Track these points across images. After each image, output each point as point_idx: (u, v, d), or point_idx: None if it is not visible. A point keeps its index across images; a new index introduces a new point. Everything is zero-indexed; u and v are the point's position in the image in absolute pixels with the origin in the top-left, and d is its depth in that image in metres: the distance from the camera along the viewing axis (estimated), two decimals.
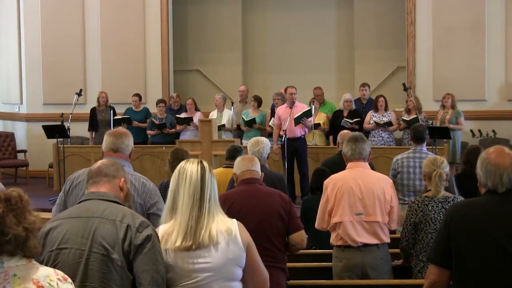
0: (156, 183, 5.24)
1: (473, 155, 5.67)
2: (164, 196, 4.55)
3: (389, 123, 9.77)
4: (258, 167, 4.05)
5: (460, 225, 2.78)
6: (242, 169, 4.03)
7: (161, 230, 2.81)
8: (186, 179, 2.81)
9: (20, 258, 2.26)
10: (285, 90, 9.61)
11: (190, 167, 2.83)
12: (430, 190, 4.45)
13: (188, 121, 10.42)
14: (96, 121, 10.80)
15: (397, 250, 4.75)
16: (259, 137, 5.70)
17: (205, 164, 2.87)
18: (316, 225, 4.62)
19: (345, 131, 6.87)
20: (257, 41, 12.94)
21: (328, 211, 4.49)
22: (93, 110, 11.00)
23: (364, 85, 10.65)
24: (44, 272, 2.27)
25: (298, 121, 8.95)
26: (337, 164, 5.95)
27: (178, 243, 2.72)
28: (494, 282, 2.69)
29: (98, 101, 10.95)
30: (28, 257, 2.28)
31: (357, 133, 4.96)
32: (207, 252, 2.72)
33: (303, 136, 9.20)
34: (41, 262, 2.67)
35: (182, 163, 2.89)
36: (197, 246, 2.72)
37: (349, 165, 4.58)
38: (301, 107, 9.24)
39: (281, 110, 9.28)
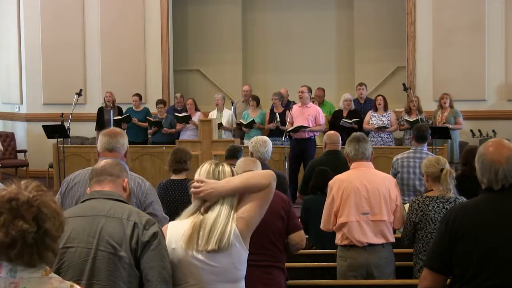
0: (156, 183, 5.24)
1: (472, 156, 5.65)
2: (161, 197, 4.55)
3: (384, 127, 9.76)
4: (259, 169, 4.05)
5: (460, 228, 2.70)
6: (243, 169, 4.02)
7: (175, 225, 2.82)
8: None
9: (38, 269, 1.99)
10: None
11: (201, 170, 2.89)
12: (432, 190, 4.43)
13: (187, 119, 10.41)
14: (103, 121, 10.75)
15: (399, 250, 4.75)
16: (264, 138, 5.87)
17: (213, 167, 2.86)
18: (321, 226, 4.61)
19: (331, 131, 6.86)
20: (257, 41, 12.93)
21: (334, 212, 4.48)
22: (100, 110, 10.99)
23: (361, 84, 10.70)
24: None
25: (296, 130, 9.14)
26: (324, 164, 5.99)
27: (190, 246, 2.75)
28: (493, 283, 2.64)
29: (105, 101, 10.93)
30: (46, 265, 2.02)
31: (358, 133, 4.91)
32: (214, 257, 2.73)
33: (313, 137, 9.27)
34: None
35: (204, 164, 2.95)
36: (210, 251, 2.72)
37: (353, 165, 4.57)
38: (313, 109, 9.40)
39: (294, 109, 9.46)
